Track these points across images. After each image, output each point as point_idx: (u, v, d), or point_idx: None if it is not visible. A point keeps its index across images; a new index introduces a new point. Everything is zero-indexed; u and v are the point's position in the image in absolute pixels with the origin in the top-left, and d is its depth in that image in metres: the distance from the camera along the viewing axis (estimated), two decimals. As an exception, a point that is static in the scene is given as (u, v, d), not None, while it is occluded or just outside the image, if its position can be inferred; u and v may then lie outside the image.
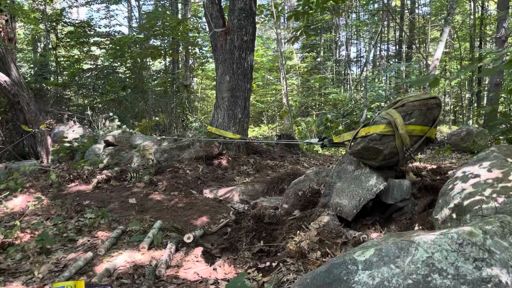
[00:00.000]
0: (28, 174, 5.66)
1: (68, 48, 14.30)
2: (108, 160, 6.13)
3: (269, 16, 12.04)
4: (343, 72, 21.90)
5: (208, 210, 4.07)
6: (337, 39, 21.65)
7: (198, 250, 2.99)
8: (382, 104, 13.12)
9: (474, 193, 2.28)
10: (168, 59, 15.36)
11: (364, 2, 15.46)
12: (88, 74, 14.16)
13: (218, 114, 6.53)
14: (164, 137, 7.75)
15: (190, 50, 14.44)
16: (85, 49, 14.26)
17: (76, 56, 14.27)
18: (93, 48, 14.41)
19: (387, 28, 20.13)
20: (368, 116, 11.41)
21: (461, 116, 18.46)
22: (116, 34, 14.27)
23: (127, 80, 13.93)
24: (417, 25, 20.14)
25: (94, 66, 14.40)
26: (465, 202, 2.26)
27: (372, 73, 18.17)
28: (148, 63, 14.34)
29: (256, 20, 7.04)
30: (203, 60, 14.85)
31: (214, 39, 6.65)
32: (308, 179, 3.75)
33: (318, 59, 21.29)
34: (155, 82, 15.13)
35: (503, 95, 8.84)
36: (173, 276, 2.65)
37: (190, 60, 15.67)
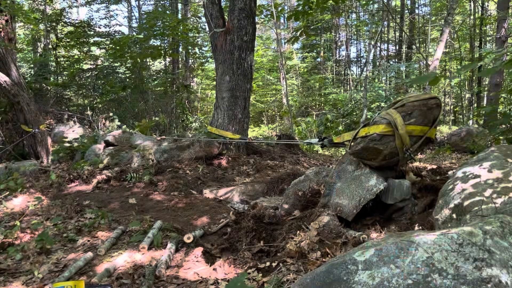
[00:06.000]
0: (28, 174, 5.66)
1: (68, 48, 14.30)
2: (108, 160, 6.12)
3: (269, 16, 12.04)
4: (343, 72, 21.90)
5: (208, 210, 4.07)
6: (337, 39, 21.65)
7: (198, 250, 2.99)
8: (382, 104, 13.12)
9: (474, 193, 2.28)
10: (168, 59, 15.35)
11: (364, 2, 15.47)
12: (88, 74, 14.15)
13: (218, 114, 6.53)
14: (164, 137, 7.75)
15: (190, 50, 14.44)
16: (85, 49, 14.25)
17: (76, 56, 14.26)
18: (93, 48, 14.41)
19: (387, 28, 20.12)
20: (368, 116, 11.41)
21: (461, 116, 18.46)
22: (116, 34, 14.26)
23: (127, 80, 13.92)
24: (417, 25, 20.14)
25: (94, 66, 14.39)
26: (465, 203, 2.26)
27: (372, 73, 18.17)
28: (148, 63, 14.34)
29: (256, 20, 7.04)
30: (203, 60, 14.85)
31: (214, 39, 6.65)
32: (308, 179, 3.75)
33: (318, 59, 21.29)
34: (155, 82, 15.12)
35: (503, 95, 8.84)
36: (173, 276, 2.65)
37: (190, 60, 15.67)
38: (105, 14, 15.41)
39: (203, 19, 14.36)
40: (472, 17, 16.86)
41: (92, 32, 13.69)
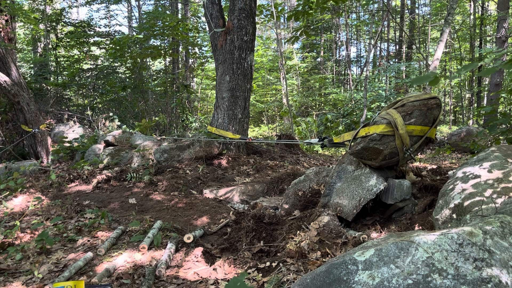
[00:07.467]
0: (28, 174, 5.67)
1: (68, 48, 14.31)
2: (108, 160, 6.12)
3: (269, 16, 12.04)
4: (343, 72, 21.91)
5: (208, 210, 4.07)
6: (337, 39, 21.66)
7: (198, 250, 2.99)
8: (382, 104, 13.12)
9: (474, 193, 2.28)
10: (168, 59, 15.35)
11: (364, 2, 15.47)
12: (88, 74, 14.16)
13: (218, 114, 6.53)
14: (164, 137, 7.76)
15: (190, 50, 14.45)
16: (85, 49, 14.27)
17: (76, 56, 14.27)
18: (93, 48, 14.43)
19: (387, 28, 20.13)
20: (368, 116, 11.42)
21: (461, 116, 18.47)
22: (116, 34, 14.27)
23: (127, 80, 13.93)
24: (417, 25, 20.15)
25: (94, 66, 14.40)
26: (466, 203, 2.26)
27: (372, 73, 18.17)
28: (148, 63, 14.34)
29: (256, 20, 7.03)
30: (203, 60, 14.85)
31: (214, 39, 6.65)
32: (308, 179, 3.75)
33: (318, 59, 21.29)
34: (155, 82, 15.13)
35: (503, 95, 8.84)
36: (173, 276, 2.65)
37: (190, 60, 15.68)
38: (105, 14, 15.45)
39: (203, 19, 14.38)
40: (472, 17, 16.87)
41: (92, 32, 13.70)
